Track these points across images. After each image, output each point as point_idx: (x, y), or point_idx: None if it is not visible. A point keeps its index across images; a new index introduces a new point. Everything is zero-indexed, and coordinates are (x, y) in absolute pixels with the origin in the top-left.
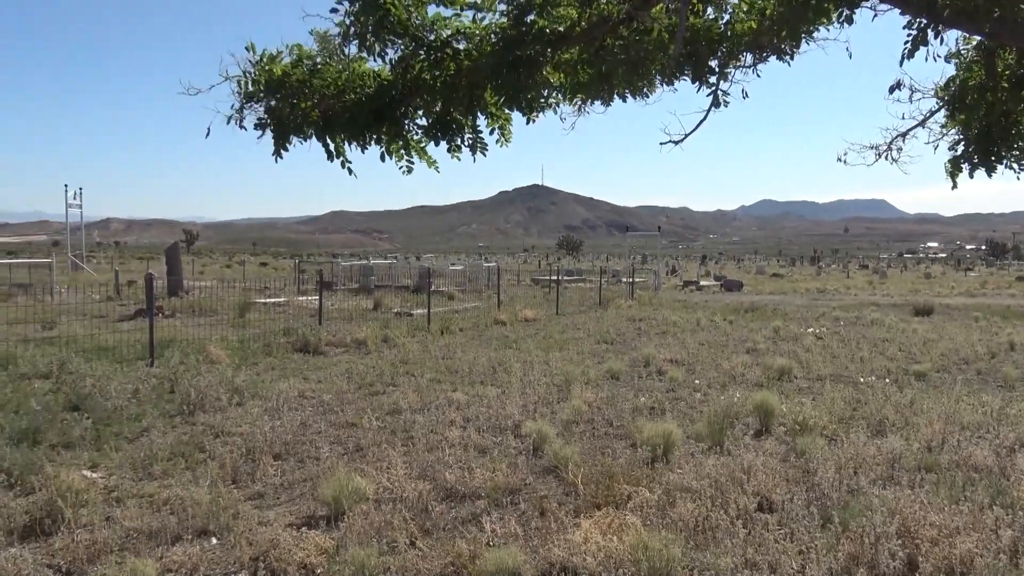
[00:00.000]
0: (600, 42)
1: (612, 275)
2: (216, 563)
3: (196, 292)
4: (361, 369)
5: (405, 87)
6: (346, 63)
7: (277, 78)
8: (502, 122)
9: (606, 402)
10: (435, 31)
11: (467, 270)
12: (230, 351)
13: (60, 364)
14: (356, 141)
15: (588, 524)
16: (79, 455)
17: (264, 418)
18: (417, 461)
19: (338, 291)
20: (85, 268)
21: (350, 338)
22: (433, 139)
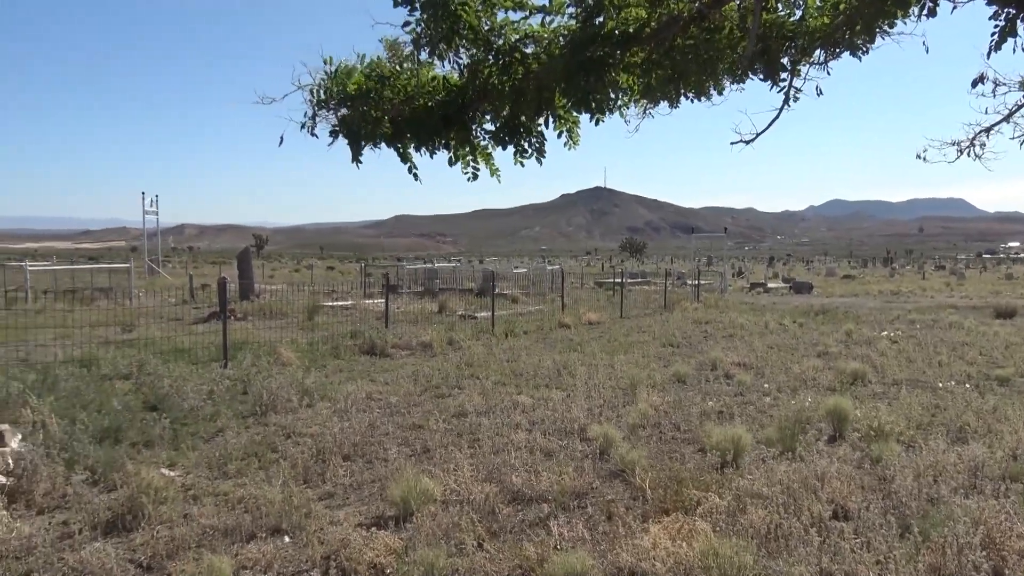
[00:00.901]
0: (670, 42)
1: (677, 277)
2: (289, 561)
3: (266, 295)
4: (427, 371)
5: (474, 92)
6: (415, 70)
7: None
8: (570, 125)
9: (673, 406)
10: (503, 35)
11: (530, 273)
12: (300, 353)
13: (139, 365)
14: (425, 147)
15: (657, 529)
16: (158, 454)
17: (333, 419)
18: (483, 463)
19: (403, 294)
20: (161, 272)
21: (415, 341)
22: (501, 143)
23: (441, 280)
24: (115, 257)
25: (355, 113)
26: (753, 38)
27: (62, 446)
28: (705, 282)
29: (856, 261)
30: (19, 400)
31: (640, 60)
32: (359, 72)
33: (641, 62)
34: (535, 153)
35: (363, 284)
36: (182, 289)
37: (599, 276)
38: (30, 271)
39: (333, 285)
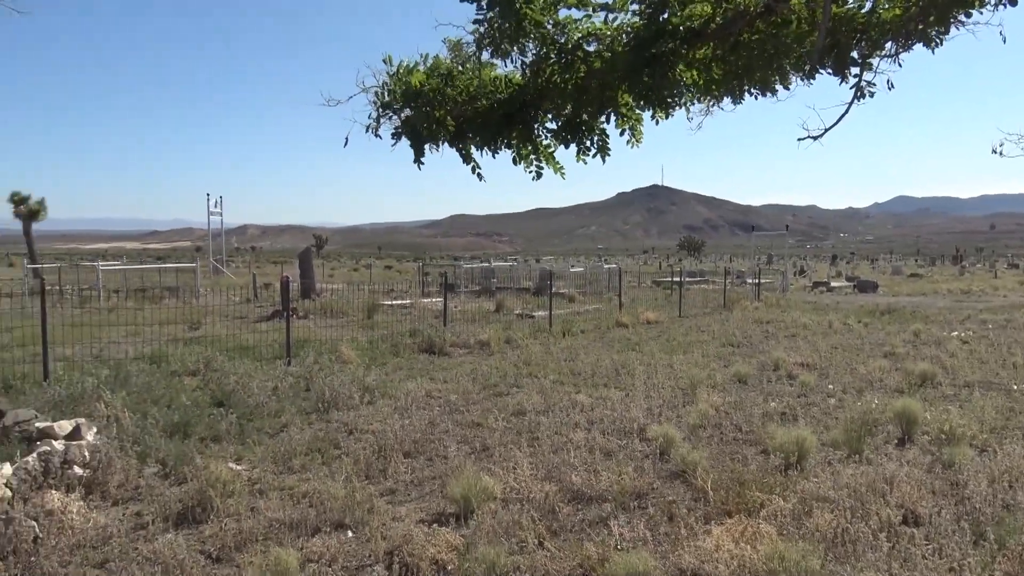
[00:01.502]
0: (736, 37)
1: (736, 276)
2: (352, 555)
3: (327, 294)
4: (485, 370)
5: (536, 91)
6: (477, 69)
7: (414, 90)
8: (633, 122)
9: (734, 406)
10: (566, 33)
11: (587, 272)
12: (360, 351)
13: (206, 362)
14: (487, 146)
15: (719, 531)
16: (225, 448)
17: (394, 416)
18: (543, 462)
19: (460, 293)
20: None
21: (473, 339)
22: (563, 142)
23: (498, 279)
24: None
25: (418, 114)
26: (823, 32)
27: (134, 440)
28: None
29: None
30: (94, 395)
31: (705, 56)
32: (420, 71)
33: (706, 58)
34: (598, 151)
35: (421, 283)
36: (245, 288)
37: (656, 275)
38: (102, 271)
39: (391, 284)
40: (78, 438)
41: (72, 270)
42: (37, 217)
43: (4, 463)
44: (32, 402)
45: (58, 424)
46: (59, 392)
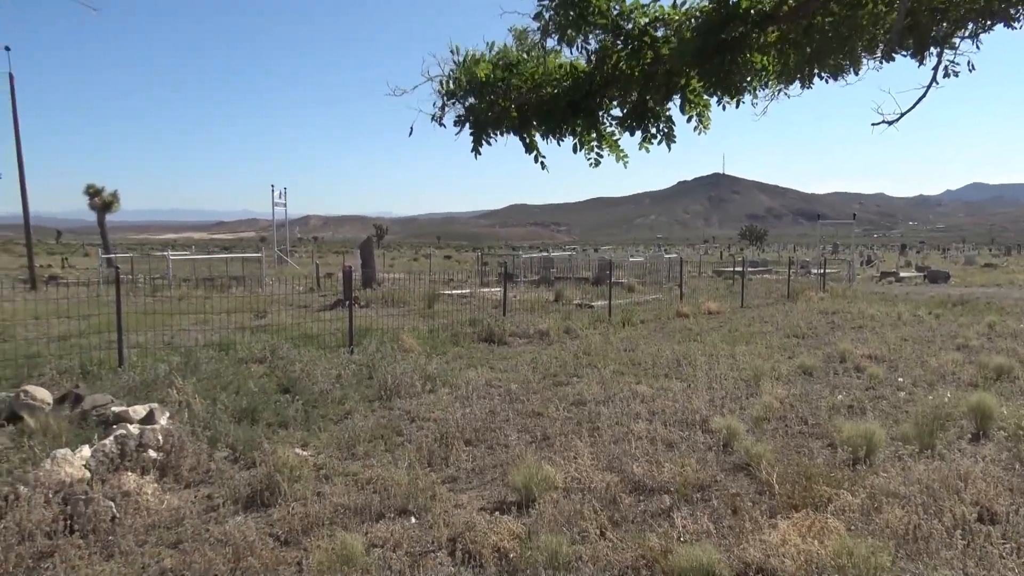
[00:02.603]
0: (809, 20)
1: (800, 266)
2: (416, 541)
3: (387, 284)
4: (545, 360)
5: (601, 78)
6: (542, 57)
7: (479, 80)
8: (701, 109)
9: (799, 399)
10: (633, 19)
11: (647, 262)
12: (421, 340)
13: (272, 350)
14: (551, 134)
15: (786, 525)
16: (292, 434)
17: (455, 405)
18: (604, 452)
19: (519, 283)
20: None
21: (533, 329)
22: (628, 129)
23: (557, 269)
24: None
25: (482, 102)
26: (902, 12)
27: (205, 425)
28: (831, 271)
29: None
30: (166, 381)
31: (776, 40)
32: (486, 61)
33: (777, 41)
34: (663, 138)
35: (480, 273)
36: (309, 278)
37: (718, 265)
38: (172, 260)
39: (450, 274)
40: (152, 422)
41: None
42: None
43: (83, 445)
44: (108, 387)
45: (133, 409)
46: (133, 378)
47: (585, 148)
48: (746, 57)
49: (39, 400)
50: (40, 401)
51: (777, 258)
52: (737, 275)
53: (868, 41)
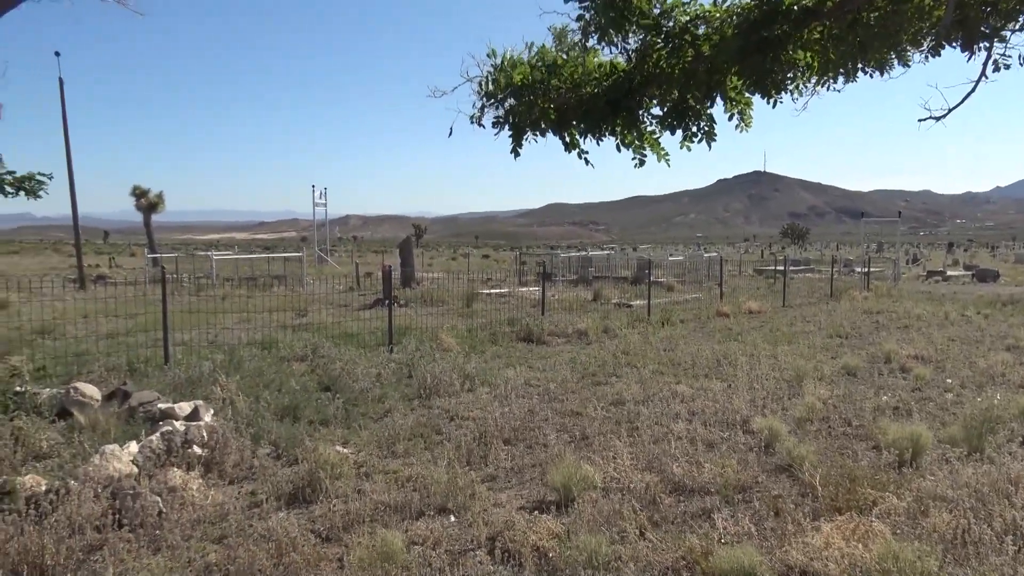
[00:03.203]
0: (854, 15)
1: (844, 265)
2: (456, 539)
3: (426, 283)
4: (583, 359)
5: (641, 77)
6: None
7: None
8: (742, 107)
9: (842, 400)
10: (673, 18)
11: (686, 261)
12: (459, 339)
13: (313, 348)
14: (591, 134)
15: (829, 528)
16: (333, 431)
17: (494, 404)
18: (643, 452)
19: (557, 282)
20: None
21: (571, 328)
22: (669, 128)
23: (595, 268)
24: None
25: (522, 103)
26: (951, 6)
27: (248, 422)
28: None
29: None
30: (210, 378)
31: (820, 36)
32: (524, 64)
33: (821, 38)
34: (704, 137)
35: (518, 272)
36: (348, 277)
37: (759, 264)
38: (215, 260)
39: (488, 273)
40: (197, 419)
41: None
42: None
43: (131, 441)
44: (154, 384)
45: (178, 405)
46: (179, 375)
47: (629, 147)
48: (788, 54)
49: (88, 396)
50: (89, 397)
51: (819, 257)
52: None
53: (913, 35)
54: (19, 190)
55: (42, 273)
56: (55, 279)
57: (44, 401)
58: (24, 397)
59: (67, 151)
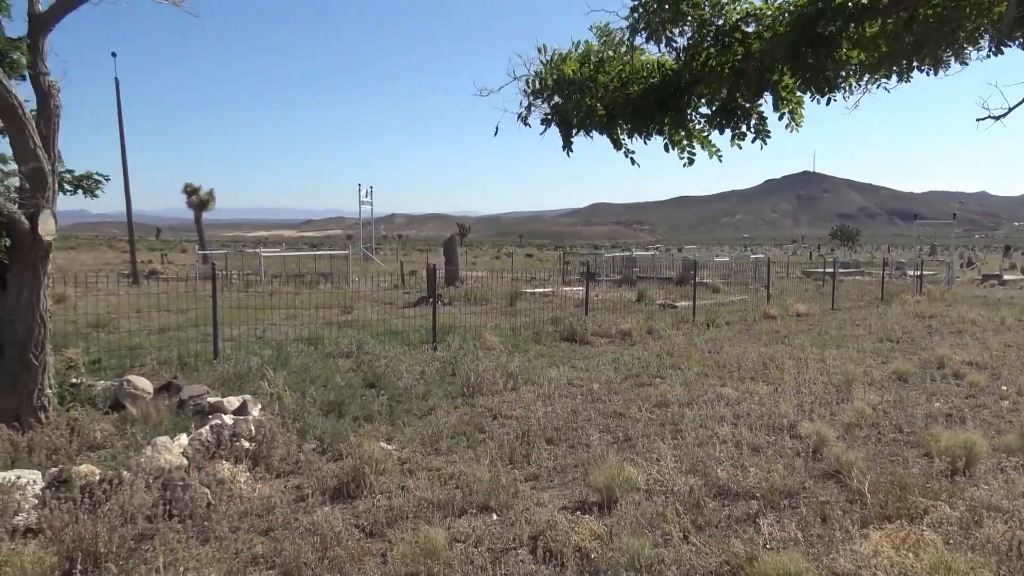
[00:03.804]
0: (910, 12)
1: (895, 267)
2: (498, 538)
3: (470, 282)
4: (627, 360)
5: (690, 75)
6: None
7: (566, 78)
8: (793, 105)
9: (893, 406)
10: (724, 15)
11: (732, 262)
12: (503, 338)
13: (358, 345)
14: (639, 132)
15: (878, 536)
16: (377, 428)
17: (536, 403)
18: (687, 455)
19: (601, 282)
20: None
21: (615, 329)
22: (717, 127)
23: (639, 268)
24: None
25: (568, 101)
26: (1013, 2)
27: (295, 417)
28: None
29: None
30: (258, 374)
31: (874, 33)
32: (573, 59)
33: (876, 35)
34: (756, 136)
35: (561, 272)
36: (393, 275)
37: (807, 265)
38: (263, 257)
39: (532, 273)
40: (245, 413)
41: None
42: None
43: (181, 434)
44: (204, 378)
45: (227, 399)
46: (228, 370)
47: (677, 147)
48: (842, 51)
49: (140, 389)
50: (141, 390)
51: (870, 259)
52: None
53: (971, 32)
54: (77, 188)
55: (97, 268)
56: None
57: (99, 393)
58: (80, 389)
59: (122, 150)
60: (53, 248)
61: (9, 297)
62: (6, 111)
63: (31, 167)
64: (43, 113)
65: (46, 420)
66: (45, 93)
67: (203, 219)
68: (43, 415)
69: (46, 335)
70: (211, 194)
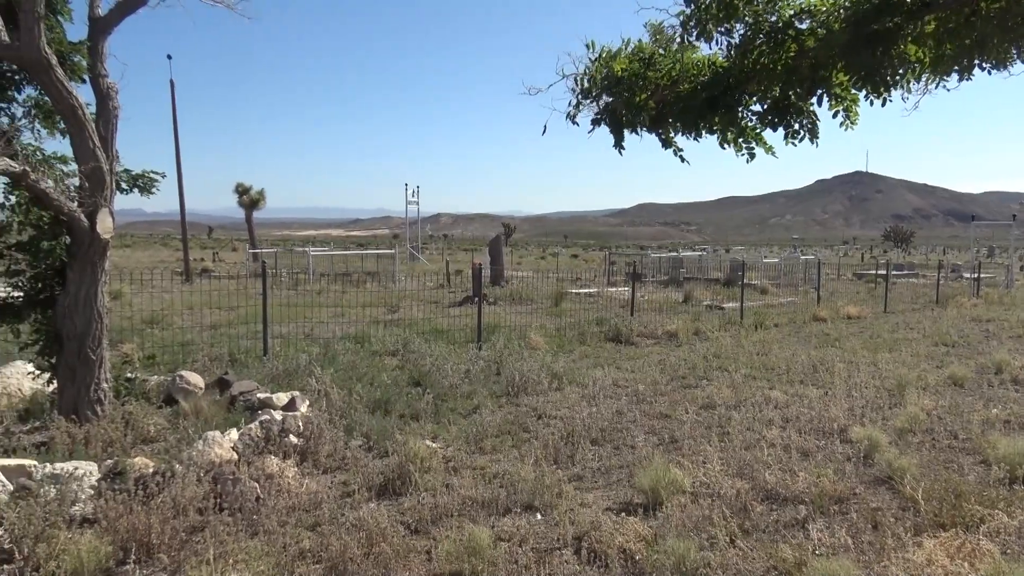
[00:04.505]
0: (972, 8)
1: (951, 270)
2: (542, 538)
3: (515, 282)
4: (673, 361)
5: (742, 73)
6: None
7: (615, 75)
8: (848, 103)
9: (948, 411)
10: (777, 12)
11: (781, 263)
12: (547, 338)
13: (404, 344)
14: (689, 131)
15: (932, 545)
16: (423, 426)
17: (581, 404)
18: (734, 458)
19: (647, 283)
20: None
21: (661, 330)
22: (769, 126)
23: (686, 269)
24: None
25: (619, 99)
26: None
27: (342, 414)
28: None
29: None
30: (306, 371)
31: (934, 29)
32: (623, 57)
33: (935, 32)
34: (807, 134)
35: (607, 272)
36: (439, 274)
37: (858, 267)
38: (311, 256)
39: (577, 273)
40: (293, 409)
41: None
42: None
43: (231, 429)
44: (254, 375)
45: (276, 396)
46: (277, 367)
47: (732, 144)
48: (899, 49)
49: (192, 385)
50: (193, 386)
51: (925, 261)
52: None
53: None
54: (134, 187)
55: (151, 266)
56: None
57: (152, 388)
58: (134, 383)
59: (176, 150)
60: (110, 246)
61: (68, 293)
62: (67, 112)
63: (90, 167)
64: (102, 114)
65: (102, 413)
66: (104, 95)
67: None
68: (99, 408)
69: (103, 331)
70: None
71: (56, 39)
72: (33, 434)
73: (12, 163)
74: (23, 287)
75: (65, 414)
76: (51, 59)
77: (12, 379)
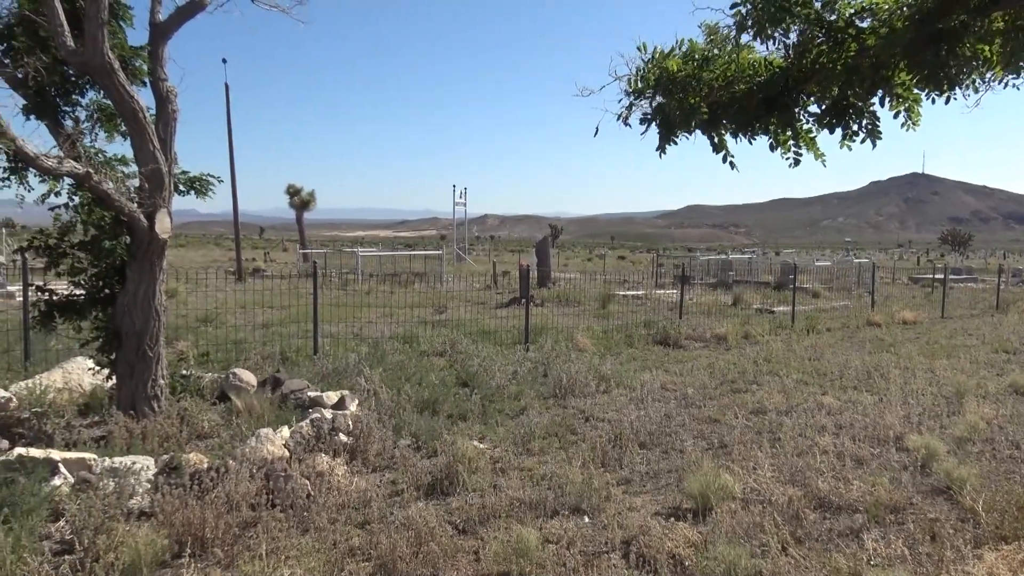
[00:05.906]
0: None
1: (1013, 275)
2: (590, 540)
3: (561, 283)
4: (722, 365)
5: (799, 73)
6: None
7: (669, 74)
8: (910, 103)
9: (1010, 420)
10: (837, 10)
11: (834, 266)
12: (595, 340)
13: (451, 344)
14: (743, 133)
15: (993, 558)
16: (470, 426)
17: (629, 407)
18: (785, 464)
19: (696, 285)
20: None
21: (709, 333)
22: (828, 127)
23: (735, 272)
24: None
25: (671, 100)
26: None
27: (390, 413)
28: None
29: None
30: (356, 370)
31: (1003, 26)
32: (676, 57)
33: (1004, 28)
34: (867, 135)
35: (655, 274)
36: (486, 275)
37: (914, 271)
38: (360, 256)
39: (624, 275)
40: (343, 408)
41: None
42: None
43: (283, 426)
44: (304, 373)
45: (326, 394)
46: (327, 365)
47: (782, 148)
48: (965, 46)
49: (245, 382)
50: (246, 383)
51: (984, 265)
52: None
53: None
54: (191, 189)
55: (205, 265)
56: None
57: (206, 385)
58: (189, 380)
59: (230, 152)
60: (168, 246)
61: (128, 292)
62: (128, 115)
63: (150, 168)
64: (161, 117)
65: (159, 409)
66: (163, 98)
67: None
68: (156, 404)
69: (160, 328)
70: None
71: (118, 44)
72: (93, 428)
73: (76, 165)
74: (84, 285)
75: (123, 409)
76: (114, 64)
77: (73, 375)
